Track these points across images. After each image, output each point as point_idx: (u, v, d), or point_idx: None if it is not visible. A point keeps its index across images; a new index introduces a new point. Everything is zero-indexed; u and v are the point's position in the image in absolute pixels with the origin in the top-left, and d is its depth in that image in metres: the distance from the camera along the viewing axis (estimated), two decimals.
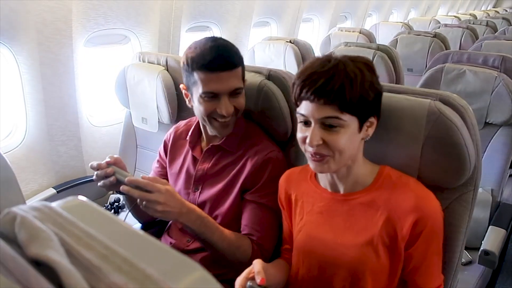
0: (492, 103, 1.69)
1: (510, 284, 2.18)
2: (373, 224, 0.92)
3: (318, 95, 0.85)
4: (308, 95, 0.86)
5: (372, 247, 0.91)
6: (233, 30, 2.79)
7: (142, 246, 0.38)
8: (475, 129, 0.98)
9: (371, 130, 0.92)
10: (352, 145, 0.90)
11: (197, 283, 0.33)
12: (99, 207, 0.44)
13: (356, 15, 4.81)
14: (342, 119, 0.86)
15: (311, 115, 0.87)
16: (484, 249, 1.41)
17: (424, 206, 0.89)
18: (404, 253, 0.91)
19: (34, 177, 1.87)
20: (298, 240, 1.03)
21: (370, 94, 0.87)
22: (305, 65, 0.91)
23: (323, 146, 0.88)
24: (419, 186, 0.94)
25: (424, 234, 0.89)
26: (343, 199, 0.98)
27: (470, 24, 4.19)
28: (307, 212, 1.03)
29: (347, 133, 0.87)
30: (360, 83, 0.85)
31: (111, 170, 1.04)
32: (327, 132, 0.87)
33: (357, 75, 0.85)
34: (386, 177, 0.95)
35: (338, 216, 0.97)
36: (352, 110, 0.86)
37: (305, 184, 1.06)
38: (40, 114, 1.84)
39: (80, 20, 1.83)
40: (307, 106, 0.87)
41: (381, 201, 0.93)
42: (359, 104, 0.85)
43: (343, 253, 0.94)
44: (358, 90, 0.84)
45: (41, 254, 0.31)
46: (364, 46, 2.55)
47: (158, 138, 1.70)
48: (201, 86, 1.10)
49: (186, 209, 1.03)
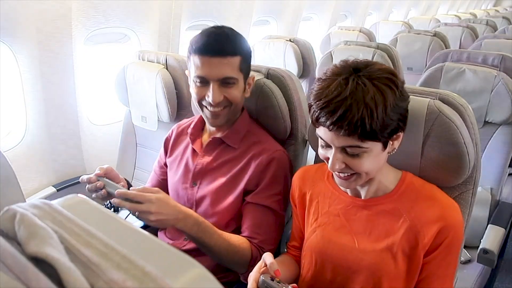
0: (491, 102, 1.69)
1: (509, 283, 2.18)
2: (394, 231, 0.90)
3: (337, 127, 0.79)
4: (327, 125, 0.81)
5: (391, 253, 0.90)
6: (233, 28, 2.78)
7: (142, 243, 0.38)
8: (475, 128, 0.98)
9: (397, 143, 0.89)
10: (377, 163, 0.87)
11: (196, 280, 0.33)
12: (98, 205, 0.44)
13: (356, 14, 4.81)
14: (364, 146, 0.82)
15: (330, 141, 0.84)
16: (483, 247, 1.41)
17: (449, 216, 0.88)
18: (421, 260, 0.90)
19: (34, 175, 1.87)
20: (312, 240, 1.01)
21: (394, 118, 0.81)
22: (320, 83, 0.84)
23: (347, 168, 0.86)
24: (444, 195, 0.92)
25: (445, 244, 0.88)
26: (364, 204, 0.96)
27: (470, 23, 4.19)
28: (322, 213, 1.01)
29: (370, 156, 0.84)
30: (382, 111, 0.78)
31: (101, 183, 1.03)
32: (350, 157, 0.84)
33: (377, 104, 0.78)
34: (408, 185, 0.93)
35: (357, 220, 0.95)
36: (374, 137, 0.81)
37: (322, 184, 1.04)
38: (39, 112, 1.84)
39: (80, 18, 1.83)
40: (326, 133, 0.83)
41: (404, 210, 0.91)
42: (381, 131, 0.80)
43: (361, 259, 0.92)
44: (380, 119, 0.78)
45: (40, 251, 0.31)
46: (364, 45, 2.55)
47: (158, 136, 1.70)
48: (194, 70, 1.11)
49: (182, 215, 1.00)
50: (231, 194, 1.18)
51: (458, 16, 5.79)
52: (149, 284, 0.30)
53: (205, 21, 2.62)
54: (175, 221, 0.99)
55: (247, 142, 1.20)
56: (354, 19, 4.82)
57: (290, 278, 1.06)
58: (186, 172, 1.26)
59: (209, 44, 1.08)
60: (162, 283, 0.30)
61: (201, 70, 1.09)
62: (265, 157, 1.15)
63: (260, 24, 3.35)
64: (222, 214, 1.19)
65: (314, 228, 1.01)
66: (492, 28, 4.48)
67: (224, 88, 1.11)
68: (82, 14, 1.83)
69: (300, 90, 1.33)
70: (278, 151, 1.18)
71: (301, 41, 2.73)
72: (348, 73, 0.81)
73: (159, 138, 1.60)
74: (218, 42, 1.08)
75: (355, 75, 0.80)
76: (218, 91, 1.10)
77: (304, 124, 1.32)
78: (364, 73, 0.81)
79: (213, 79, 1.09)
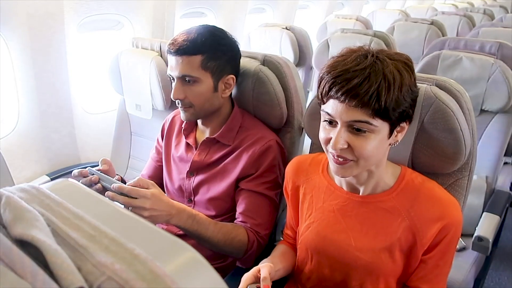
0: (488, 90, 1.69)
1: (503, 270, 2.20)
2: (392, 230, 0.88)
3: (350, 96, 0.76)
4: (338, 95, 0.77)
5: (389, 253, 0.88)
6: (229, 16, 2.75)
7: (132, 227, 0.37)
8: (471, 114, 0.98)
9: (400, 136, 0.86)
10: (379, 151, 0.83)
11: (188, 264, 0.32)
12: (88, 189, 0.43)
13: (353, 2, 4.76)
14: (373, 124, 0.78)
15: (338, 116, 0.79)
16: (478, 235, 1.41)
17: (449, 214, 0.86)
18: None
19: (27, 164, 1.86)
20: (306, 237, 0.99)
21: (407, 99, 0.79)
22: (336, 58, 0.82)
23: (348, 151, 0.81)
24: (444, 192, 0.90)
25: (445, 241, 0.86)
26: (361, 201, 0.92)
27: (468, 12, 4.17)
28: (317, 208, 0.99)
29: (376, 139, 0.80)
30: (398, 88, 0.77)
31: (96, 177, 1.02)
32: (354, 136, 0.80)
33: (395, 79, 0.76)
34: (408, 182, 0.90)
35: (354, 217, 0.93)
36: (385, 116, 0.78)
37: (316, 177, 1.00)
38: (32, 100, 1.81)
39: (72, 4, 1.79)
40: (335, 106, 0.79)
41: (403, 208, 0.88)
42: (394, 110, 0.78)
43: (358, 257, 0.91)
44: (396, 95, 0.76)
45: (26, 234, 0.30)
46: (360, 32, 2.53)
47: (153, 125, 1.68)
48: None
49: (175, 210, 1.01)
50: (224, 182, 1.20)
51: (456, 5, 5.76)
52: (138, 266, 0.29)
53: (200, 8, 2.58)
54: (168, 217, 1.00)
55: (240, 136, 1.21)
56: (351, 8, 4.78)
57: (292, 269, 1.06)
58: (182, 163, 1.28)
59: (171, 44, 1.12)
60: (152, 265, 0.30)
61: (168, 68, 1.16)
62: (258, 147, 1.16)
63: (256, 12, 3.31)
64: (218, 200, 1.21)
65: (309, 224, 0.99)
66: (489, 17, 4.46)
67: (186, 87, 1.14)
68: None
69: (297, 77, 1.32)
70: (271, 140, 1.18)
71: (297, 29, 2.70)
72: (366, 51, 0.80)
73: (154, 127, 1.59)
74: (180, 41, 1.11)
75: (373, 51, 0.80)
76: (178, 88, 1.14)
77: (301, 111, 1.31)
78: (381, 53, 0.80)
79: (176, 76, 1.13)
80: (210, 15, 2.67)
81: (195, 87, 1.13)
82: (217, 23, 2.00)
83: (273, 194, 1.18)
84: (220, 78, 1.15)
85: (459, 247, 1.55)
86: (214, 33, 1.15)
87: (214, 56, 1.12)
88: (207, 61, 1.12)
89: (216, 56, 1.13)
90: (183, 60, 1.11)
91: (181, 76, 1.12)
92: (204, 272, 0.32)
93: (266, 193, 1.17)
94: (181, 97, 1.14)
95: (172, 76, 1.15)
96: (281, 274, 0.99)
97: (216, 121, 1.23)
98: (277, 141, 1.20)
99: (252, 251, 1.14)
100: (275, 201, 1.20)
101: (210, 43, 1.12)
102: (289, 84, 1.27)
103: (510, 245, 2.40)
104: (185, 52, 1.10)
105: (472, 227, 1.51)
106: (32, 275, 0.27)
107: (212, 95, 1.16)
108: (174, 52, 1.12)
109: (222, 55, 1.14)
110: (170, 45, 1.12)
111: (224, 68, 1.15)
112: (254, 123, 1.24)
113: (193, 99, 1.14)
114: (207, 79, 1.13)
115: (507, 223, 2.51)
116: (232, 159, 1.19)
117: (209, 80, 1.14)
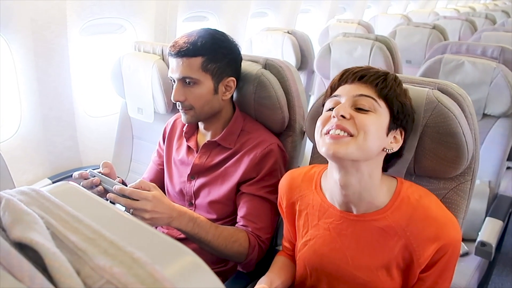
0: (490, 94, 1.68)
1: (506, 275, 2.19)
2: (389, 249, 0.86)
3: (360, 76, 0.85)
4: (347, 78, 0.87)
5: (387, 270, 0.87)
6: (231, 20, 2.76)
7: (132, 230, 0.37)
8: (473, 118, 0.97)
9: (395, 146, 0.86)
10: (378, 139, 0.82)
11: (188, 268, 0.32)
12: (88, 192, 0.43)
13: (354, 6, 4.77)
14: (377, 102, 0.83)
15: (345, 93, 0.85)
16: (480, 240, 1.41)
17: (446, 235, 0.83)
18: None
19: (29, 167, 1.86)
20: (304, 254, 0.98)
21: (406, 102, 0.87)
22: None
23: (349, 122, 0.80)
24: (441, 211, 0.86)
25: (441, 261, 0.84)
26: (355, 220, 0.90)
27: (469, 16, 4.17)
28: (312, 225, 0.97)
29: (378, 120, 0.82)
30: (402, 89, 0.88)
31: (97, 179, 1.02)
32: (358, 112, 0.82)
33: (398, 81, 0.88)
34: (404, 199, 0.87)
35: (349, 236, 0.91)
36: (388, 101, 0.84)
37: (310, 194, 0.98)
38: (34, 103, 1.82)
39: (75, 8, 1.80)
40: (343, 88, 0.87)
41: (398, 227, 0.85)
42: (396, 99, 0.85)
43: (356, 276, 0.89)
44: (399, 90, 0.86)
45: (25, 237, 0.30)
46: (362, 36, 2.53)
47: (154, 128, 1.68)
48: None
49: (176, 213, 1.00)
50: (225, 185, 1.19)
51: (457, 9, 5.77)
52: (137, 270, 0.29)
53: (202, 13, 2.59)
54: (170, 219, 0.99)
55: (242, 140, 1.21)
56: (352, 12, 4.79)
57: (291, 282, 1.05)
58: (183, 167, 1.28)
59: (172, 46, 1.13)
60: (151, 269, 0.29)
61: (169, 70, 1.16)
62: (259, 151, 1.16)
63: (258, 16, 3.32)
64: (219, 204, 1.20)
65: (306, 242, 0.98)
66: (491, 22, 4.46)
67: (186, 88, 1.14)
68: (77, 4, 1.81)
69: (299, 81, 1.32)
70: (273, 144, 1.18)
71: (299, 33, 2.70)
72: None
73: (156, 130, 1.59)
74: (180, 43, 1.12)
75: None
76: (178, 90, 1.14)
77: (302, 115, 1.31)
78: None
79: (176, 78, 1.14)
80: (212, 19, 2.68)
81: (195, 89, 1.13)
82: (219, 27, 2.01)
83: (274, 198, 1.17)
84: (220, 80, 1.16)
85: (462, 252, 1.54)
86: (215, 36, 1.15)
87: (214, 58, 1.13)
88: (207, 63, 1.12)
89: (216, 58, 1.13)
90: (183, 62, 1.11)
91: (182, 78, 1.13)
92: (204, 276, 0.32)
93: (267, 197, 1.16)
94: (181, 99, 1.14)
95: (172, 78, 1.16)
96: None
97: (217, 124, 1.22)
98: (279, 145, 1.20)
99: (253, 255, 1.14)
100: (276, 205, 1.19)
101: (210, 45, 1.13)
102: (291, 88, 1.27)
103: None
104: (185, 54, 1.11)
105: (475, 232, 1.50)
106: (30, 278, 0.26)
107: (213, 97, 1.16)
108: (175, 54, 1.12)
109: (223, 57, 1.14)
110: (171, 48, 1.13)
111: (224, 71, 1.15)
112: (256, 127, 1.24)
113: (193, 101, 1.14)
114: (208, 81, 1.14)
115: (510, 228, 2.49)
116: (233, 163, 1.19)
117: (210, 82, 1.14)
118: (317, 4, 4.03)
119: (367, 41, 2.39)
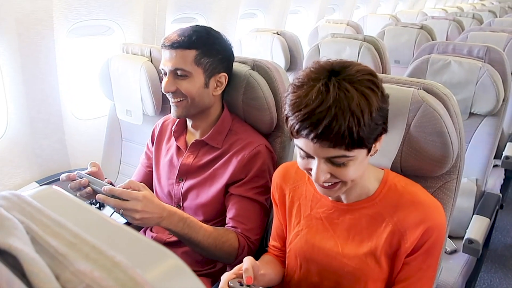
0: (476, 94, 1.70)
1: (494, 272, 2.22)
2: (377, 235, 0.89)
3: (322, 139, 0.74)
4: (310, 138, 0.74)
5: (375, 258, 0.89)
6: (220, 21, 2.76)
7: (114, 234, 0.37)
8: (458, 117, 0.98)
9: (379, 145, 0.84)
10: (362, 168, 0.84)
11: (170, 271, 0.32)
12: (72, 196, 0.42)
13: (344, 7, 4.80)
14: (350, 155, 0.77)
15: (313, 153, 0.78)
16: (468, 237, 1.42)
17: (432, 217, 0.85)
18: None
19: (16, 171, 1.84)
20: (296, 244, 0.99)
21: (379, 121, 0.76)
22: (296, 89, 0.77)
23: (332, 178, 0.81)
24: (427, 196, 0.89)
25: (427, 245, 0.86)
26: (346, 209, 0.93)
27: (457, 16, 4.22)
28: (304, 216, 0.98)
29: (356, 163, 0.79)
30: (368, 117, 0.73)
31: (86, 181, 1.01)
32: (335, 166, 0.79)
33: (364, 111, 0.72)
34: (391, 186, 0.90)
35: (340, 224, 0.93)
36: (361, 145, 0.76)
37: (303, 185, 1.00)
38: (21, 106, 1.80)
39: (62, 10, 1.78)
40: (308, 145, 0.77)
41: (386, 214, 0.88)
42: (368, 137, 0.76)
43: (346, 264, 0.91)
44: (367, 125, 0.73)
45: (3, 242, 0.30)
46: (350, 37, 2.54)
47: (143, 130, 1.68)
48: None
49: (166, 213, 1.00)
50: (214, 187, 1.19)
51: (445, 9, 5.83)
52: (118, 274, 0.29)
53: (191, 14, 2.59)
54: (160, 219, 0.99)
55: (230, 140, 1.21)
56: (342, 12, 4.82)
57: (276, 279, 1.05)
58: (171, 168, 1.27)
59: (166, 38, 1.13)
60: (133, 273, 0.29)
61: (161, 62, 1.15)
62: (247, 152, 1.16)
63: (247, 17, 3.32)
64: (207, 206, 1.20)
65: (297, 232, 0.99)
66: (478, 22, 4.52)
67: (178, 80, 1.14)
68: (64, 5, 1.79)
69: (287, 82, 1.32)
70: (261, 145, 1.18)
71: (288, 33, 2.71)
72: (326, 77, 0.75)
73: (145, 132, 1.58)
74: (176, 36, 1.12)
75: (335, 79, 0.74)
76: (169, 81, 1.14)
77: None
78: (343, 77, 0.74)
79: (168, 70, 1.14)
80: (201, 20, 2.67)
81: (186, 82, 1.14)
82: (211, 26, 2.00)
83: (263, 199, 1.18)
84: (211, 76, 1.16)
85: (450, 250, 1.56)
86: (210, 32, 1.16)
87: (208, 53, 1.13)
88: (200, 57, 1.12)
89: (210, 53, 1.13)
90: (177, 53, 1.12)
91: (174, 69, 1.13)
92: (186, 279, 0.32)
93: (256, 198, 1.16)
94: (172, 89, 1.14)
95: (164, 70, 1.15)
96: (266, 280, 0.97)
97: (205, 123, 1.22)
98: (267, 146, 1.20)
99: (242, 256, 1.13)
100: (265, 206, 1.20)
101: (205, 40, 1.13)
102: (279, 89, 1.28)
103: (501, 247, 2.42)
104: (179, 46, 1.11)
105: (463, 230, 1.51)
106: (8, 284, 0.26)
107: (203, 91, 1.16)
108: (169, 46, 1.12)
109: (216, 53, 1.15)
110: (165, 39, 1.13)
111: (216, 67, 1.16)
112: (244, 128, 1.24)
113: (185, 91, 1.14)
114: (199, 75, 1.14)
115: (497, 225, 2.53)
116: (221, 164, 1.19)
117: (201, 76, 1.14)
118: (306, 5, 4.05)
119: (355, 42, 2.41)
